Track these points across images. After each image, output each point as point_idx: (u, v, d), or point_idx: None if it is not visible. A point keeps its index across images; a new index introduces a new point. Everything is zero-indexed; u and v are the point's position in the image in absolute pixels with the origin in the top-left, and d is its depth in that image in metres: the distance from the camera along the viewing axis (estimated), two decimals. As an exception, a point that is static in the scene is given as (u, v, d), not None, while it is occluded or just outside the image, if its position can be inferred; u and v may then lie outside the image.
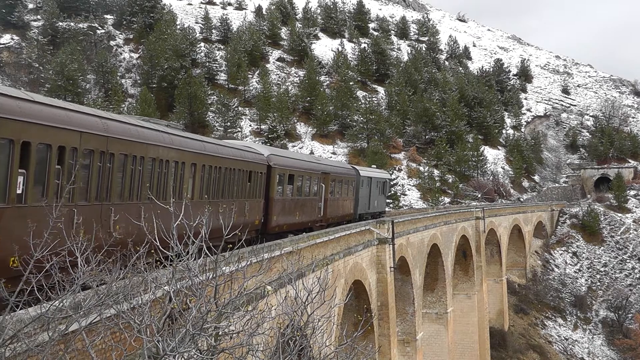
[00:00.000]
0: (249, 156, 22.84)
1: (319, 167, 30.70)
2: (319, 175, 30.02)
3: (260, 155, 24.34)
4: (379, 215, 42.72)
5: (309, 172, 28.74)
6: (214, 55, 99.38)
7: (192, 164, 17.63)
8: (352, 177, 36.30)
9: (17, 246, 9.73)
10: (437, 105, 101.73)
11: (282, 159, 26.17)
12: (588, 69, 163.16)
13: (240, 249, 12.08)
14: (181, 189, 16.74)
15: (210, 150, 19.33)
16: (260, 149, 25.39)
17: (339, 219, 33.30)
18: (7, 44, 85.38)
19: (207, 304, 9.28)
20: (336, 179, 32.62)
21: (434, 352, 45.47)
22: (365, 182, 38.82)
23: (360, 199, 37.64)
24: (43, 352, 7.43)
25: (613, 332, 75.21)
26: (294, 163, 27.36)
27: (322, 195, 30.26)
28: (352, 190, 36.11)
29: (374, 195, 41.07)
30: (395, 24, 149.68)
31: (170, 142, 16.21)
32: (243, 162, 21.83)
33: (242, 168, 21.58)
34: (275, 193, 24.56)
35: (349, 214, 35.83)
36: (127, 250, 10.39)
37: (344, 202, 34.69)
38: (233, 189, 20.77)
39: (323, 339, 12.86)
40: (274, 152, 26.52)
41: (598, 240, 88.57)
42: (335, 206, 32.44)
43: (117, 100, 78.82)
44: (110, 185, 13.31)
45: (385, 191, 45.92)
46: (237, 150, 22.13)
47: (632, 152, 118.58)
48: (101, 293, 8.54)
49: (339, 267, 24.22)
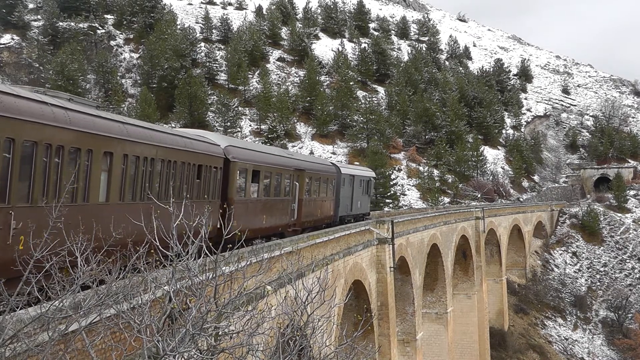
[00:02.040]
0: (199, 147, 18.64)
1: (292, 163, 27.07)
2: (291, 172, 26.43)
3: (216, 146, 20.24)
4: (363, 217, 39.31)
5: (280, 169, 25.09)
6: (214, 55, 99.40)
7: (107, 153, 13.40)
8: (332, 175, 32.74)
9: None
10: (437, 105, 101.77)
11: (245, 151, 22.55)
12: (588, 69, 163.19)
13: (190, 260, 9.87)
14: (87, 187, 12.63)
15: (137, 135, 14.76)
16: (217, 139, 21.33)
17: (316, 222, 29.97)
18: (7, 44, 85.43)
19: (207, 304, 9.29)
20: (313, 177, 29.22)
21: (433, 352, 45.48)
22: (348, 181, 35.44)
23: (342, 200, 34.19)
24: (43, 352, 7.44)
25: (613, 332, 75.23)
26: (260, 157, 23.59)
27: (295, 196, 26.86)
28: (332, 189, 32.68)
29: (357, 196, 37.53)
30: (395, 24, 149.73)
31: (67, 121, 11.82)
32: (189, 154, 17.57)
33: (187, 161, 17.44)
34: (236, 193, 20.81)
35: (328, 216, 32.31)
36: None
37: (323, 203, 31.11)
38: (173, 187, 16.48)
39: (323, 339, 12.87)
40: (235, 144, 22.71)
41: (598, 240, 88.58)
42: (311, 208, 29.01)
43: (117, 100, 78.86)
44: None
45: (370, 191, 42.37)
46: (180, 138, 17.70)
47: (632, 152, 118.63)
48: (101, 293, 8.54)
49: (338, 267, 24.24)
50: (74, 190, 12.05)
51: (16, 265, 8.56)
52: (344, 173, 34.96)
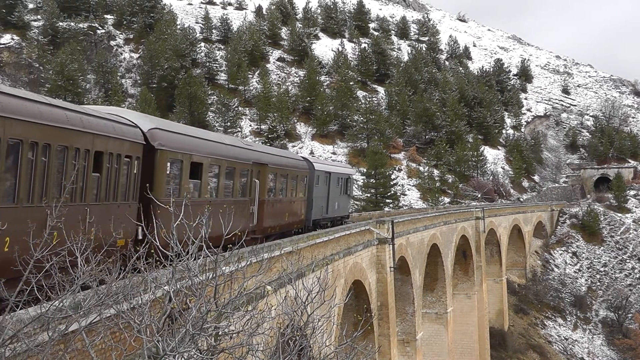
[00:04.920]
0: (99, 126, 13.14)
1: (251, 156, 22.19)
2: (250, 166, 21.67)
3: (131, 127, 14.87)
4: (341, 221, 34.98)
5: (232, 161, 20.09)
6: (214, 55, 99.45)
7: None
8: (303, 172, 28.30)
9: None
10: (437, 105, 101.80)
11: (180, 138, 17.14)
12: (588, 69, 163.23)
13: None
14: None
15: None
16: (137, 119, 15.98)
17: (283, 227, 25.48)
18: (7, 44, 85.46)
19: (207, 304, 9.29)
20: (279, 173, 24.91)
21: (433, 352, 45.48)
22: (322, 178, 30.80)
23: (315, 201, 29.69)
24: (43, 352, 7.44)
25: (613, 332, 75.24)
26: (203, 146, 18.29)
27: (255, 196, 22.37)
28: (303, 188, 28.29)
29: (334, 195, 32.93)
30: (395, 24, 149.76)
31: None
32: (73, 135, 12.04)
33: (70, 144, 11.92)
34: (165, 192, 15.66)
35: (299, 220, 27.94)
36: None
37: (291, 204, 26.67)
38: (48, 184, 11.28)
39: (323, 339, 12.87)
40: (165, 126, 17.09)
41: (598, 240, 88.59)
42: (276, 210, 24.61)
43: (117, 100, 78.84)
44: None
45: (350, 190, 37.52)
46: (55, 109, 11.68)
47: (632, 152, 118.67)
48: (101, 293, 8.54)
49: (338, 267, 24.24)
50: None
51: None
52: (318, 169, 30.48)
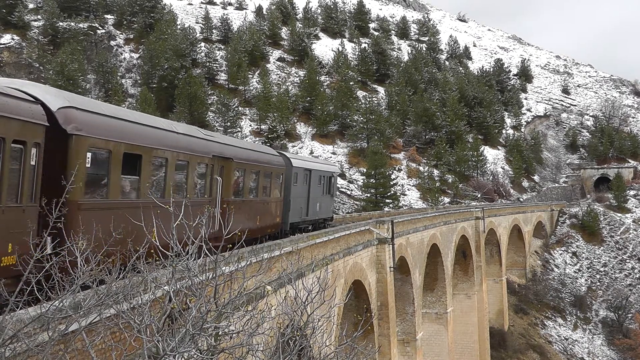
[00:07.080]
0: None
1: (211, 148, 18.26)
2: (209, 160, 17.90)
3: (27, 102, 10.45)
4: (324, 223, 31.82)
5: (185, 154, 16.25)
6: (214, 55, 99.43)
7: None
8: (278, 168, 24.60)
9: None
10: (437, 105, 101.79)
11: (104, 120, 12.70)
12: (588, 69, 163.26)
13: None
14: None
15: None
16: (42, 94, 11.46)
17: (254, 233, 20.55)
18: (7, 44, 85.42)
19: (207, 304, 9.29)
20: (247, 170, 21.09)
21: (433, 352, 45.51)
22: (301, 177, 27.56)
23: (293, 202, 26.34)
24: (43, 352, 7.44)
25: (613, 332, 75.25)
26: (139, 133, 14.02)
27: (217, 196, 18.64)
28: (278, 187, 24.76)
29: (316, 196, 29.65)
30: (395, 24, 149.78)
31: None
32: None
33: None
34: (84, 192, 11.83)
35: (274, 224, 24.31)
36: None
37: (264, 206, 23.03)
38: None
39: (323, 339, 12.87)
40: (83, 105, 12.31)
41: (598, 240, 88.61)
42: (244, 213, 20.67)
43: (118, 100, 78.76)
44: None
45: (332, 190, 33.93)
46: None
47: (632, 152, 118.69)
48: (101, 293, 8.55)
49: (338, 267, 24.24)
50: None
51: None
52: (297, 166, 26.94)
